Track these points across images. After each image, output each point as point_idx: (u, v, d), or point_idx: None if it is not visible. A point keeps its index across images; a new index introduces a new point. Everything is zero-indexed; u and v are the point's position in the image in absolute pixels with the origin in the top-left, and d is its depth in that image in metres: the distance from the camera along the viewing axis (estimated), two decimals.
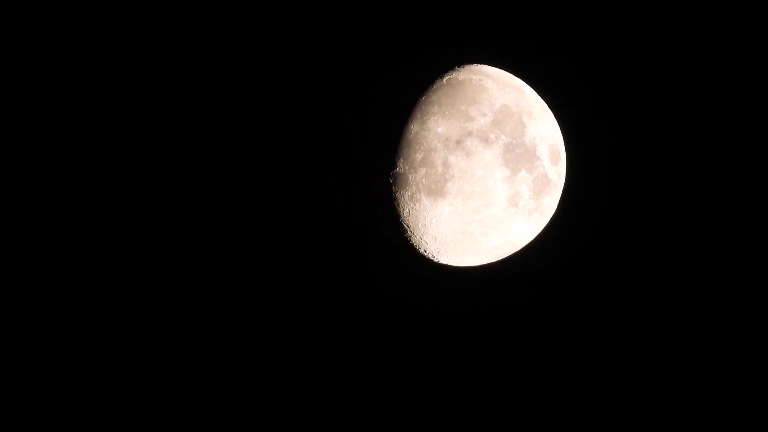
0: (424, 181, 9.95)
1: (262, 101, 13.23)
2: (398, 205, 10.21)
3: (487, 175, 9.82)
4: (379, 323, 12.69)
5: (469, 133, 9.84)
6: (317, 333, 13.14)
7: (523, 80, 10.74)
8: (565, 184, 10.85)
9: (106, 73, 13.02)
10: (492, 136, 9.85)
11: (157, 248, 13.17)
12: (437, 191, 9.90)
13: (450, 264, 10.75)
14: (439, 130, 9.93)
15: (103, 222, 13.09)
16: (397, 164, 10.09)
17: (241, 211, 13.23)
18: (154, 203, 13.11)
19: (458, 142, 9.84)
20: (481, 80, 10.21)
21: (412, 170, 9.96)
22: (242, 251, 13.29)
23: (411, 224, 10.24)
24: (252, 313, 13.27)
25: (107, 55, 12.99)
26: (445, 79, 10.30)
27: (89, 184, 13.04)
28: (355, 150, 10.66)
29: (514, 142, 9.88)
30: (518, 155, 9.85)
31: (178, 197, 13.13)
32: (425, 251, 10.52)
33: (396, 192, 10.13)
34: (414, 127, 9.98)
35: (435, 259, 10.61)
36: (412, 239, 10.38)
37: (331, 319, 13.07)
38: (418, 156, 9.93)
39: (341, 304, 13.58)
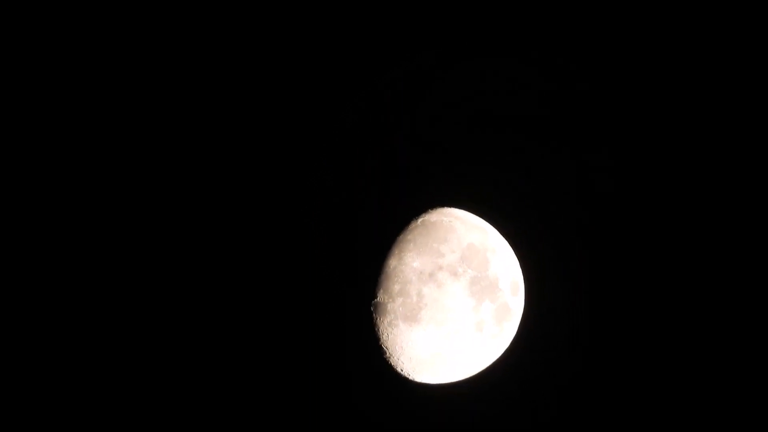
0: (401, 309, 10.37)
1: (262, 101, 12.53)
2: (378, 330, 10.61)
3: (456, 304, 10.24)
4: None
5: (440, 268, 10.37)
6: (316, 333, 12.12)
7: (486, 221, 11.16)
8: (523, 310, 11.05)
9: (106, 74, 12.37)
10: (460, 270, 10.38)
11: (157, 248, 12.51)
12: (412, 318, 10.29)
13: (424, 382, 10.89)
14: (415, 264, 10.46)
15: (103, 222, 12.42)
16: (378, 294, 10.62)
17: (241, 211, 12.52)
18: (155, 203, 12.49)
19: (431, 275, 10.34)
20: (450, 221, 10.84)
21: (390, 300, 10.45)
22: (242, 251, 12.51)
23: (389, 347, 10.58)
24: (251, 313, 12.44)
25: (107, 55, 12.34)
26: (420, 220, 10.95)
27: (88, 185, 12.39)
28: (341, 282, 11.28)
29: (480, 275, 10.41)
30: (483, 287, 10.36)
31: (178, 197, 12.51)
32: (402, 370, 10.74)
33: (376, 319, 10.59)
34: (392, 262, 10.61)
35: (411, 378, 10.82)
36: (390, 360, 10.70)
37: (330, 319, 11.93)
38: (396, 287, 10.45)
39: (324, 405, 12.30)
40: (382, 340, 10.62)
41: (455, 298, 10.26)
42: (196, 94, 12.38)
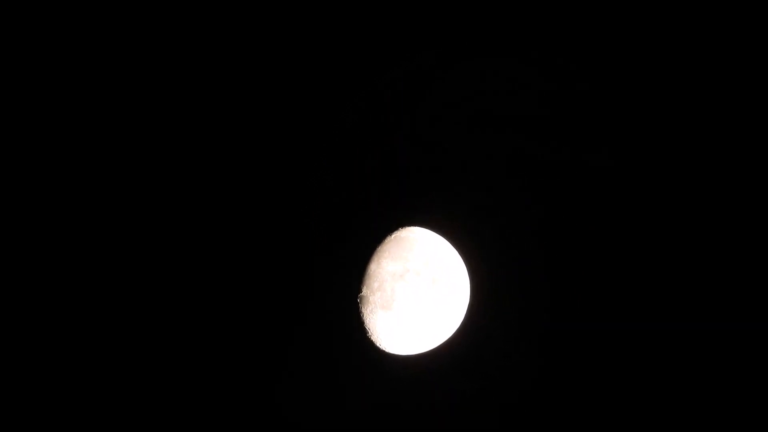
0: (379, 300, 11.50)
1: (262, 101, 11.87)
2: (363, 315, 11.68)
3: (421, 296, 11.43)
4: (346, 393, 12.22)
5: (408, 270, 11.56)
6: (314, 320, 11.90)
7: (441, 236, 11.98)
8: (469, 299, 11.83)
9: (106, 74, 11.81)
10: (423, 271, 11.59)
11: (157, 248, 11.97)
12: (387, 307, 11.46)
13: (397, 353, 11.79)
14: (389, 268, 11.62)
15: (103, 222, 11.90)
16: (362, 290, 11.73)
17: (241, 211, 11.97)
18: (155, 204, 11.94)
19: (401, 275, 11.53)
20: (415, 237, 11.99)
21: (371, 293, 11.59)
22: (242, 251, 12.02)
23: (371, 328, 11.69)
24: (251, 313, 12.02)
25: (107, 55, 11.77)
26: (393, 236, 12.01)
27: (86, 184, 11.91)
28: (334, 281, 12.30)
29: (437, 275, 11.61)
30: (440, 284, 11.57)
31: (177, 198, 11.94)
32: (380, 345, 11.77)
33: (361, 308, 11.71)
34: (373, 266, 11.77)
35: (387, 351, 11.79)
36: (372, 337, 11.74)
37: (329, 319, 11.71)
38: (376, 284, 11.61)
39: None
40: (365, 323, 11.67)
41: (420, 292, 11.44)
42: (197, 95, 11.96)
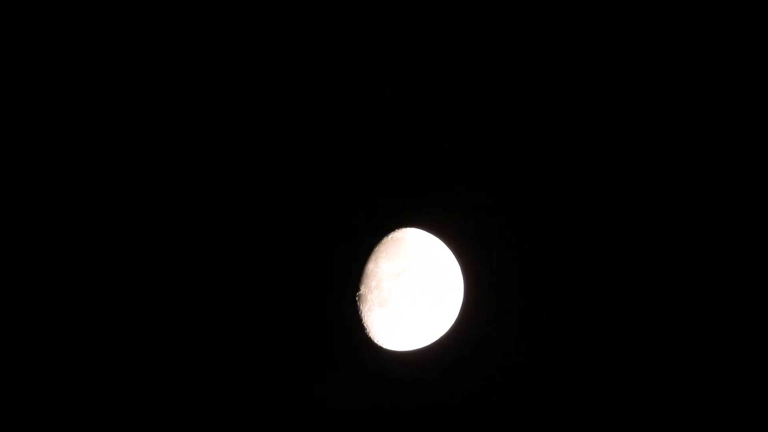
0: (376, 299, 11.86)
1: (262, 101, 11.86)
2: (361, 313, 12.02)
3: (416, 294, 11.79)
4: (345, 389, 12.42)
5: (404, 270, 11.92)
6: (315, 317, 12.00)
7: (436, 236, 12.26)
8: (462, 298, 12.08)
9: (104, 73, 11.77)
10: (419, 270, 11.93)
11: (156, 248, 11.95)
12: (384, 305, 11.83)
13: (393, 350, 12.12)
14: (386, 267, 11.96)
15: (102, 222, 11.87)
16: (360, 288, 12.07)
17: (241, 211, 11.99)
18: (154, 204, 11.91)
19: (397, 275, 11.88)
20: (411, 238, 12.28)
21: (369, 292, 11.94)
22: (242, 251, 12.05)
23: (369, 325, 12.03)
24: (251, 313, 12.07)
25: (106, 54, 11.72)
26: (390, 236, 12.31)
27: (85, 184, 11.89)
28: (333, 280, 12.73)
29: (432, 274, 11.95)
30: (435, 283, 11.91)
31: (176, 198, 11.94)
32: (377, 341, 12.09)
33: (360, 305, 12.05)
34: (371, 266, 12.09)
35: (384, 347, 12.13)
36: (369, 334, 12.08)
37: (329, 317, 11.79)
38: (373, 283, 11.94)
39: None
40: (363, 321, 12.04)
41: (415, 290, 11.82)
42: (196, 95, 11.94)
